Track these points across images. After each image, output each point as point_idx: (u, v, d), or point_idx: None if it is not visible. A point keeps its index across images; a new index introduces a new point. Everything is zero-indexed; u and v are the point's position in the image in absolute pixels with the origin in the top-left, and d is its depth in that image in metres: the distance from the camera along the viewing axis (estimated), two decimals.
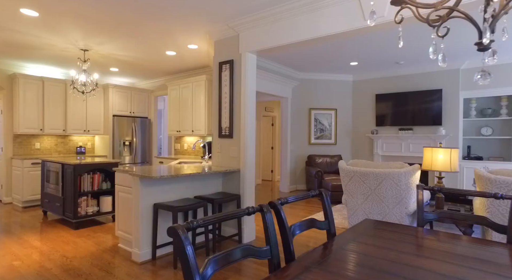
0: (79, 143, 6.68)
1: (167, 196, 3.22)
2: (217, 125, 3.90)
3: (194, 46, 4.57)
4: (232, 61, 3.71)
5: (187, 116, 5.82)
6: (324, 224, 1.57)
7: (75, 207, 4.11)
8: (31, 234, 3.88)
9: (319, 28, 3.02)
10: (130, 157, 6.70)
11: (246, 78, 3.60)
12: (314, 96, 7.38)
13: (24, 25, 3.78)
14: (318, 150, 7.44)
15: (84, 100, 6.33)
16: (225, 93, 3.79)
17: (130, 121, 6.73)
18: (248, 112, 3.62)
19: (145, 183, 3.00)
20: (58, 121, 6.02)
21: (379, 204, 3.21)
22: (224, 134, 3.80)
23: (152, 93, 7.23)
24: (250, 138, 3.64)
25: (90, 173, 4.32)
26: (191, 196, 3.48)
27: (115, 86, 6.52)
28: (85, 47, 4.60)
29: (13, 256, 3.18)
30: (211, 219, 1.06)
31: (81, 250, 3.33)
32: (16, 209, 5.35)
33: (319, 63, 6.22)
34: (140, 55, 5.08)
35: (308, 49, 5.25)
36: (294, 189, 7.31)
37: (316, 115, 7.43)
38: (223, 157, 3.84)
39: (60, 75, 6.43)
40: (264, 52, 3.61)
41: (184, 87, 5.89)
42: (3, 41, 4.38)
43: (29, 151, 5.96)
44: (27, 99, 5.63)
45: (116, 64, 5.68)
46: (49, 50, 4.80)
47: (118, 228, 3.43)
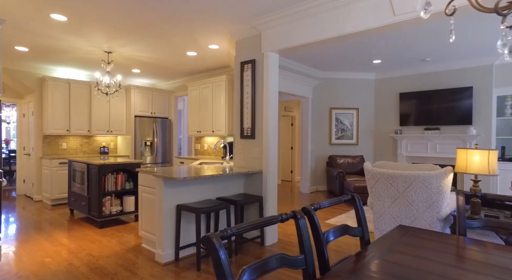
0: (103, 143, 6.85)
1: (189, 197, 3.22)
2: (238, 126, 3.86)
3: (215, 47, 4.56)
4: (254, 61, 3.66)
5: (208, 117, 5.83)
6: (358, 231, 1.49)
7: (100, 206, 4.20)
8: (59, 232, 3.99)
9: (345, 25, 2.92)
10: (151, 157, 6.79)
11: (268, 78, 3.55)
12: (335, 95, 7.23)
13: (53, 30, 3.88)
14: (339, 150, 7.28)
15: (107, 102, 6.48)
16: (247, 94, 3.75)
17: (151, 121, 6.82)
18: (271, 113, 3.56)
19: (168, 184, 3.01)
20: (83, 122, 6.18)
21: (407, 207, 3.07)
22: (246, 135, 3.76)
23: (172, 94, 7.31)
24: (272, 139, 3.58)
25: (113, 173, 4.39)
26: (213, 197, 3.46)
27: (137, 87, 6.64)
28: (109, 50, 4.69)
29: (44, 253, 3.27)
30: (245, 227, 1.02)
31: (106, 249, 3.38)
32: (46, 206, 5.53)
33: (341, 62, 6.07)
34: (162, 56, 5.13)
35: (329, 48, 5.13)
36: (315, 190, 7.19)
37: (337, 115, 7.28)
38: (244, 157, 3.80)
39: (84, 77, 6.61)
40: (287, 51, 3.54)
41: (204, 88, 5.90)
42: (35, 46, 4.54)
43: (57, 150, 6.16)
44: (55, 101, 5.82)
45: (138, 66, 5.77)
46: (75, 53, 4.93)
47: (142, 228, 3.46)
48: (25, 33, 4.05)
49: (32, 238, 3.79)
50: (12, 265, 2.99)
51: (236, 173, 3.34)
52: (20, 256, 3.20)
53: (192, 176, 2.90)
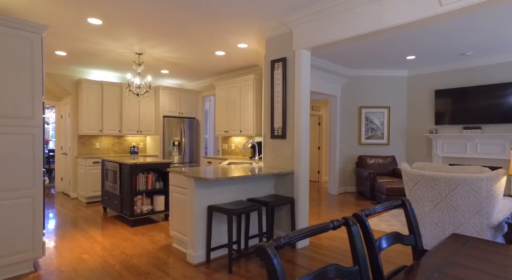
0: (133, 143, 7.02)
1: (220, 198, 3.19)
2: (269, 126, 3.79)
3: (244, 46, 4.52)
4: (285, 59, 3.57)
5: (235, 117, 5.81)
6: (410, 239, 1.37)
7: (131, 205, 4.28)
8: (94, 229, 4.11)
9: (383, 19, 2.77)
10: (179, 157, 6.88)
11: (300, 76, 3.44)
12: (365, 94, 6.97)
13: (89, 34, 4.00)
14: (369, 150, 7.02)
15: (138, 102, 6.64)
16: (277, 93, 3.67)
17: (179, 121, 6.91)
18: (302, 112, 3.46)
19: (199, 184, 2.99)
20: (115, 123, 6.36)
21: (451, 212, 2.86)
22: (276, 135, 3.68)
23: (199, 94, 7.37)
24: (304, 139, 3.48)
25: (144, 172, 4.47)
26: (244, 198, 3.41)
27: (165, 88, 6.74)
28: (139, 51, 4.77)
29: (82, 249, 3.37)
30: (298, 235, 0.94)
31: (138, 248, 3.43)
32: (81, 204, 5.75)
33: (371, 59, 5.84)
34: (190, 57, 5.16)
35: (359, 45, 4.94)
36: (343, 191, 6.98)
37: (367, 114, 7.03)
38: (275, 158, 3.72)
39: (115, 79, 6.80)
40: (319, 48, 3.42)
41: (231, 87, 5.89)
42: (72, 50, 4.71)
43: (91, 150, 6.39)
44: (89, 102, 6.03)
45: (166, 67, 5.85)
46: (108, 56, 5.07)
47: (172, 228, 3.48)
48: (64, 38, 4.20)
49: (69, 234, 3.92)
50: (54, 260, 3.10)
51: (268, 174, 3.27)
52: (60, 251, 3.31)
53: (225, 177, 2.86)
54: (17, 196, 2.71)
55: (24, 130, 2.74)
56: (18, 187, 2.71)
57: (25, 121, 2.75)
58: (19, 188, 2.72)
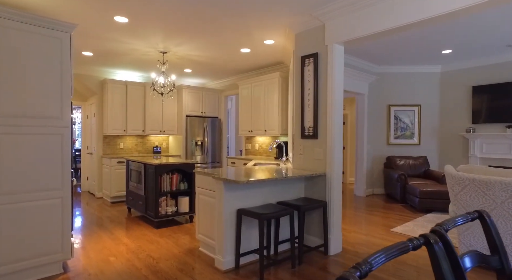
0: (156, 142, 7.02)
1: (250, 201, 3.04)
2: (299, 125, 3.61)
3: (270, 42, 4.35)
4: (317, 55, 3.38)
5: (259, 116, 5.65)
6: (495, 261, 1.16)
7: (156, 206, 4.21)
8: (120, 230, 4.07)
9: (423, 9, 2.52)
10: (202, 157, 6.81)
11: (333, 73, 3.24)
12: (394, 91, 6.64)
13: (115, 32, 3.96)
14: (398, 150, 6.69)
15: (162, 101, 6.62)
16: (308, 90, 3.48)
17: (202, 121, 6.84)
18: (336, 111, 3.25)
19: (229, 187, 2.85)
20: (138, 123, 6.37)
21: (508, 221, 2.58)
22: (307, 135, 3.49)
23: (222, 93, 7.27)
24: (337, 140, 3.27)
25: (169, 173, 4.39)
26: (274, 201, 3.25)
27: (188, 87, 6.69)
28: (164, 50, 4.71)
29: (108, 251, 3.32)
30: (378, 259, 0.77)
31: (165, 251, 3.34)
32: (106, 203, 5.78)
33: (402, 54, 5.52)
34: (215, 55, 5.05)
35: (390, 39, 4.66)
36: (371, 193, 6.69)
37: (396, 113, 6.69)
38: (305, 159, 3.54)
39: (139, 79, 6.82)
40: (353, 43, 3.20)
41: (256, 86, 5.74)
42: (98, 50, 4.71)
43: (115, 150, 6.43)
44: (114, 102, 6.06)
45: (190, 65, 5.77)
46: (133, 55, 5.04)
47: (199, 231, 3.36)
48: (91, 39, 4.19)
49: (96, 234, 3.90)
50: (81, 262, 3.05)
51: (300, 176, 3.09)
52: (87, 253, 3.27)
53: (256, 179, 2.71)
54: (46, 197, 2.67)
55: (53, 131, 2.70)
56: (47, 188, 2.67)
57: (54, 122, 2.71)
58: (48, 188, 2.68)
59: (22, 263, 2.56)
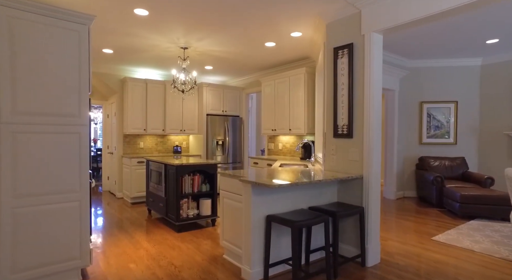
0: (176, 142, 6.87)
1: (279, 206, 2.77)
2: (331, 123, 3.30)
3: (297, 34, 4.06)
4: (351, 46, 3.06)
5: (284, 114, 5.37)
6: None
7: (177, 209, 4.02)
8: (140, 233, 3.91)
9: None
10: (222, 157, 6.60)
11: (371, 65, 2.91)
12: (427, 87, 6.18)
13: (135, 27, 3.80)
14: (431, 150, 6.22)
15: (183, 99, 6.45)
16: (342, 85, 3.16)
17: (222, 120, 6.63)
18: (374, 107, 2.93)
19: (257, 191, 2.59)
20: (158, 122, 6.23)
21: None
22: (340, 134, 3.18)
23: (243, 91, 7.04)
24: (375, 139, 2.95)
25: (190, 174, 4.19)
26: (305, 206, 2.96)
27: (209, 85, 6.49)
28: (185, 45, 4.51)
29: (128, 257, 3.14)
30: None
31: (187, 258, 3.12)
32: (126, 204, 5.67)
33: (438, 46, 5.08)
34: (237, 50, 4.81)
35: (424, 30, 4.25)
36: (401, 196, 6.26)
37: (429, 110, 6.23)
38: (339, 160, 3.23)
39: (159, 77, 6.69)
40: (394, 30, 2.86)
41: (280, 82, 5.45)
42: (118, 47, 4.58)
43: (135, 149, 6.32)
44: (134, 101, 5.95)
45: (211, 62, 5.56)
46: (153, 52, 4.88)
47: (223, 237, 3.13)
48: (110, 34, 4.05)
49: (116, 237, 3.75)
50: (101, 268, 2.89)
51: (335, 179, 2.79)
52: (107, 258, 3.11)
53: (290, 183, 2.43)
54: (63, 200, 2.50)
55: (70, 129, 2.54)
56: (64, 190, 2.50)
57: (71, 120, 2.54)
58: (65, 191, 2.51)
59: (38, 270, 2.40)
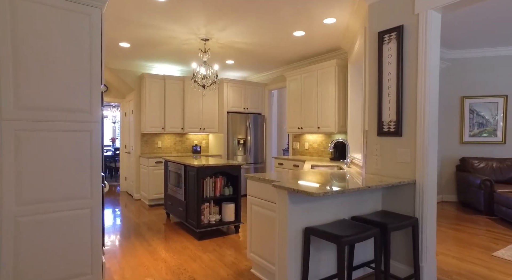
0: (195, 141, 6.57)
1: (318, 216, 2.36)
2: (374, 120, 2.86)
3: (331, 21, 3.62)
4: (401, 28, 2.60)
5: (311, 111, 4.94)
6: None
7: (198, 214, 3.68)
8: (158, 240, 3.60)
9: None
10: (244, 157, 6.24)
11: (427, 50, 2.45)
12: (470, 80, 5.58)
13: (152, 15, 3.48)
14: (475, 150, 5.62)
15: (203, 95, 6.14)
16: (388, 75, 2.71)
17: (244, 118, 6.26)
18: (430, 100, 2.47)
19: (294, 199, 2.20)
20: (177, 120, 5.95)
21: None
22: (386, 131, 2.73)
23: (266, 87, 6.65)
24: (432, 137, 2.48)
25: (212, 176, 3.85)
26: (347, 216, 2.54)
27: (230, 81, 6.14)
28: (206, 36, 4.17)
29: (145, 270, 2.82)
30: None
31: (210, 272, 2.77)
32: (144, 206, 5.42)
33: (482, 34, 4.50)
34: (262, 40, 4.42)
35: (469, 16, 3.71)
36: (439, 200, 5.69)
37: (472, 106, 5.62)
38: (384, 161, 2.78)
39: (178, 73, 6.41)
40: (459, 6, 2.39)
41: (306, 77, 5.02)
42: (135, 40, 4.30)
43: (153, 149, 6.07)
44: (152, 98, 5.68)
45: (233, 55, 5.20)
46: (172, 45, 4.57)
47: (251, 249, 2.75)
48: (127, 25, 3.76)
49: (132, 245, 3.45)
50: None
51: (386, 184, 2.35)
52: (123, 271, 2.80)
53: (336, 190, 2.02)
54: (72, 207, 2.20)
55: (80, 127, 2.23)
56: (73, 196, 2.20)
57: (82, 116, 2.23)
58: (74, 197, 2.21)
59: None
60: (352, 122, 4.32)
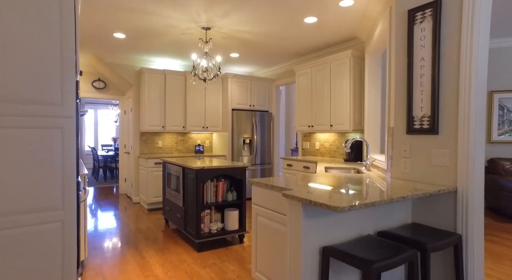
0: (198, 141, 6.18)
1: (338, 232, 1.92)
2: (402, 115, 2.40)
3: (349, 3, 3.17)
4: (438, 3, 2.14)
5: (323, 107, 4.49)
6: None
7: (197, 223, 3.28)
8: (152, 251, 3.20)
9: None
10: (250, 157, 5.82)
11: (473, 29, 1.99)
12: (498, 73, 5.06)
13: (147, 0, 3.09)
14: (505, 151, 5.10)
15: (205, 89, 5.73)
16: (421, 61, 2.26)
17: (250, 115, 5.84)
18: (478, 88, 2.01)
19: (310, 212, 1.77)
20: (178, 118, 5.56)
21: None
22: (418, 129, 2.28)
23: (273, 83, 6.21)
24: (478, 135, 2.03)
25: (213, 179, 3.44)
26: (371, 230, 2.10)
27: (235, 76, 5.73)
28: (207, 24, 3.76)
29: None
30: None
31: None
32: (142, 210, 5.05)
33: None
34: (269, 29, 3.99)
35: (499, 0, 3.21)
36: None
37: (502, 101, 5.11)
38: (414, 164, 2.33)
39: (179, 67, 6.02)
40: None
41: (318, 70, 4.57)
42: (131, 30, 3.92)
43: (153, 149, 5.69)
44: (151, 94, 5.31)
45: (237, 47, 4.78)
46: (170, 35, 4.18)
47: (256, 267, 2.33)
48: (121, 12, 3.37)
49: (122, 258, 3.06)
50: None
51: (423, 194, 1.90)
52: None
53: (364, 203, 1.58)
54: (38, 221, 1.81)
55: (48, 123, 1.83)
56: (39, 208, 1.81)
57: (50, 109, 1.84)
58: (42, 208, 1.82)
59: None
60: (370, 119, 3.87)
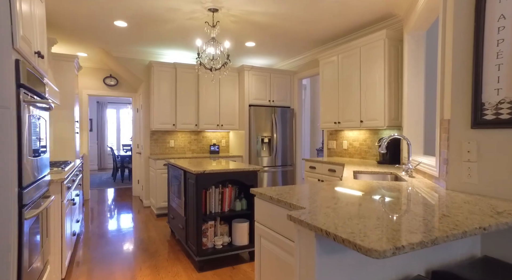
0: (213, 140, 5.71)
1: (369, 274, 1.30)
2: (466, 100, 1.72)
3: None
4: None
5: (352, 101, 3.81)
6: None
7: (198, 237, 2.76)
8: (146, 270, 2.73)
9: None
10: (269, 158, 5.25)
11: None
12: None
13: None
14: None
15: (212, 81, 5.23)
16: (498, 20, 1.57)
17: (269, 112, 5.27)
18: None
19: (327, 246, 1.17)
20: (190, 115, 5.11)
21: None
22: (492, 120, 1.59)
23: (295, 75, 5.59)
24: None
25: (218, 185, 2.91)
26: (422, 270, 1.45)
27: (252, 68, 5.18)
28: (213, 4, 3.24)
29: None
30: None
31: None
32: (152, 215, 4.67)
33: None
34: (285, 9, 3.40)
35: None
36: None
37: None
38: (484, 171, 1.64)
39: (191, 60, 5.59)
40: None
41: (345, 56, 3.90)
42: (131, 16, 3.51)
43: (164, 149, 5.30)
44: (161, 90, 4.91)
45: (252, 34, 4.23)
46: (174, 22, 3.72)
47: None
48: None
49: (110, 277, 2.62)
50: None
51: None
52: None
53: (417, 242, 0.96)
54: None
55: None
56: None
57: None
58: None
59: None
60: (410, 113, 3.16)
